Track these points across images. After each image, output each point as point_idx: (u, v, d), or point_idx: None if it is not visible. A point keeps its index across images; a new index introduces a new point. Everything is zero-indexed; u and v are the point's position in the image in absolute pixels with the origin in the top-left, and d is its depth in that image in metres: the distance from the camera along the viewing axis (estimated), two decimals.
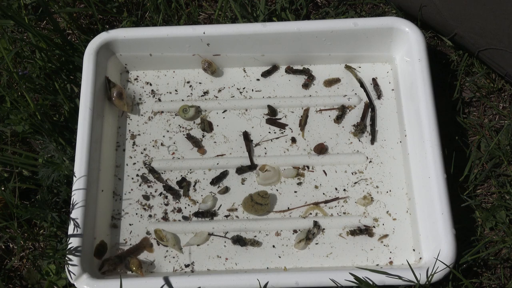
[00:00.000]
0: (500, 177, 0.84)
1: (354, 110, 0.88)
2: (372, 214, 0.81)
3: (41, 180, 0.82)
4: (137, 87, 0.91)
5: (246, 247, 0.79)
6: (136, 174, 0.85)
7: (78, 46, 0.93)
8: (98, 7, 0.96)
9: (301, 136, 0.86)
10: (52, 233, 0.81)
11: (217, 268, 0.78)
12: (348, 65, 0.90)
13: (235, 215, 0.82)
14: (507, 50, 0.81)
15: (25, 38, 0.96)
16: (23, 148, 0.89)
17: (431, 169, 0.76)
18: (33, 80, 0.90)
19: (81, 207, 0.76)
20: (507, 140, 0.84)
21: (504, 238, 0.78)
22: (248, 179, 0.84)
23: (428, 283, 0.70)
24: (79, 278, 0.72)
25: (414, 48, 0.83)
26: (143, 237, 0.80)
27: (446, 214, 0.74)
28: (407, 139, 0.83)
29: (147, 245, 0.79)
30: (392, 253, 0.78)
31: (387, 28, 0.85)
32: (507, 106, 0.89)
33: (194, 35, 0.86)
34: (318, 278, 0.72)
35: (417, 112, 0.80)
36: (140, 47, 0.88)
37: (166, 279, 0.72)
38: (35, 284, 0.80)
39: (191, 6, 0.98)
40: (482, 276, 0.78)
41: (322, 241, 0.80)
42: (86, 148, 0.79)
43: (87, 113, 0.81)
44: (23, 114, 0.86)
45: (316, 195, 0.82)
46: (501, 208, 0.80)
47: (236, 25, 0.87)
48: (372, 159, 0.84)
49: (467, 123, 0.87)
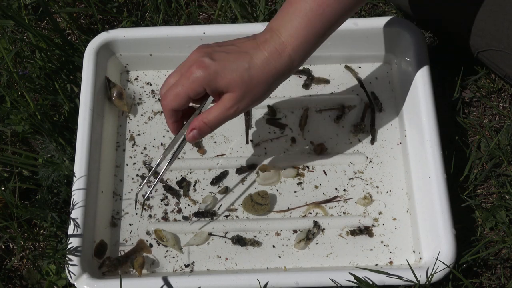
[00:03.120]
0: (500, 177, 0.84)
1: (354, 110, 0.88)
2: (372, 214, 0.81)
3: (41, 180, 0.82)
4: (137, 87, 0.91)
5: (246, 247, 0.79)
6: (136, 174, 0.85)
7: (78, 46, 0.93)
8: (98, 7, 0.96)
9: (301, 136, 0.86)
10: (52, 233, 0.81)
11: (217, 268, 0.78)
12: (348, 65, 0.90)
13: (235, 215, 0.82)
14: (506, 51, 0.81)
15: (25, 38, 0.96)
16: (23, 148, 0.89)
17: (431, 169, 0.76)
18: (33, 80, 0.90)
19: (81, 207, 0.76)
20: (507, 140, 0.84)
21: (504, 238, 0.78)
22: (248, 179, 0.84)
23: (428, 283, 0.70)
24: (79, 278, 0.72)
25: (414, 48, 0.83)
26: (139, 240, 0.80)
27: (446, 214, 0.74)
28: (407, 139, 0.83)
29: (144, 247, 0.79)
30: (392, 253, 0.78)
31: (387, 28, 0.85)
32: (507, 106, 0.89)
33: (194, 35, 0.86)
34: (318, 278, 0.72)
35: (417, 112, 0.80)
36: (140, 47, 0.88)
37: (166, 279, 0.72)
38: (35, 284, 0.80)
39: (191, 6, 0.98)
40: (482, 276, 0.78)
41: (322, 241, 0.80)
42: (86, 148, 0.79)
43: (87, 113, 0.81)
44: (23, 114, 0.86)
45: (316, 195, 0.82)
46: (501, 208, 0.80)
47: (236, 25, 0.87)
48: (372, 159, 0.84)
49: (467, 123, 0.87)
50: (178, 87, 0.65)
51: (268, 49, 0.65)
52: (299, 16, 0.64)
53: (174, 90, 0.66)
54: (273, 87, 0.67)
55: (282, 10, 0.66)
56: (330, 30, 0.66)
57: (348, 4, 0.65)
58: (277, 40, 0.65)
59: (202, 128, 0.67)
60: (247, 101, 0.66)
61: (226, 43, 0.68)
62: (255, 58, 0.65)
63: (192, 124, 0.68)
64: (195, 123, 0.67)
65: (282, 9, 0.66)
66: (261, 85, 0.65)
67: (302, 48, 0.65)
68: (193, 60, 0.66)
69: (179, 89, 0.65)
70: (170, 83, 0.67)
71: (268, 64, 0.65)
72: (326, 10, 0.64)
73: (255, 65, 0.64)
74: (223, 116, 0.66)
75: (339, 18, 0.66)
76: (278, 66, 0.65)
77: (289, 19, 0.65)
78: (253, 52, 0.65)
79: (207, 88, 0.65)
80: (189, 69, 0.65)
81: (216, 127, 0.68)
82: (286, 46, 0.65)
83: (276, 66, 0.65)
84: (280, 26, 0.65)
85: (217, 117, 0.66)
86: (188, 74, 0.65)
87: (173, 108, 0.67)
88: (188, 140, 0.69)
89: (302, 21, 0.64)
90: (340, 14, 0.65)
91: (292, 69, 0.67)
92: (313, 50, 0.67)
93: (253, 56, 0.65)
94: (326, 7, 0.64)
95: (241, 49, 0.66)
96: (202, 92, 0.65)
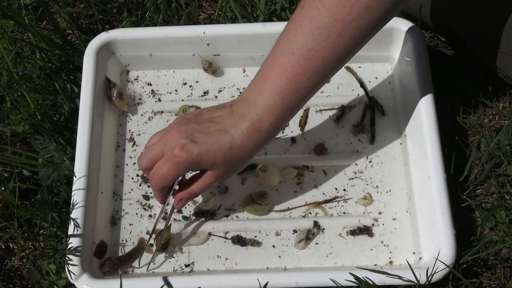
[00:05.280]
0: (500, 177, 0.84)
1: (354, 110, 0.88)
2: (372, 214, 0.81)
3: (41, 180, 0.83)
4: (137, 87, 0.91)
5: (246, 247, 0.79)
6: (136, 174, 0.85)
7: (78, 46, 0.93)
8: (98, 7, 0.96)
9: (301, 136, 0.86)
10: (52, 233, 0.81)
11: (217, 268, 0.78)
12: (348, 66, 0.90)
13: (235, 215, 0.82)
14: (506, 52, 0.81)
15: (25, 38, 0.96)
16: (23, 148, 0.89)
17: (431, 169, 0.76)
18: (33, 80, 0.90)
19: (81, 207, 0.76)
20: (507, 140, 0.84)
21: (504, 238, 0.78)
22: (248, 179, 0.84)
23: (428, 283, 0.70)
24: (79, 278, 0.72)
25: (414, 48, 0.83)
26: (140, 238, 0.80)
27: (446, 214, 0.74)
28: (407, 139, 0.83)
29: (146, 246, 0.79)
30: (392, 253, 0.78)
31: (387, 28, 0.85)
32: (507, 106, 0.89)
33: (194, 35, 0.86)
34: (318, 278, 0.72)
35: (417, 112, 0.80)
36: (140, 47, 0.88)
37: (166, 279, 0.72)
38: (35, 284, 0.80)
39: (191, 6, 0.98)
40: (482, 276, 0.78)
41: (322, 241, 0.80)
42: (86, 148, 0.79)
43: (87, 113, 0.81)
44: (23, 114, 0.86)
45: (316, 195, 0.82)
46: (501, 208, 0.80)
47: (236, 25, 0.87)
48: (372, 159, 0.84)
49: (467, 123, 0.87)
50: (163, 169, 0.70)
51: (246, 126, 0.68)
52: (275, 93, 0.67)
53: (160, 172, 0.70)
54: (252, 158, 0.72)
55: (258, 83, 0.68)
56: (305, 100, 0.69)
57: (321, 78, 0.67)
58: (254, 116, 0.68)
59: (188, 198, 0.74)
60: (228, 175, 0.72)
61: (204, 117, 0.71)
62: (235, 137, 0.68)
63: (179, 196, 0.74)
64: (182, 194, 0.74)
65: (258, 82, 0.68)
66: (241, 161, 0.71)
67: (279, 122, 0.69)
68: (175, 142, 0.69)
69: (165, 171, 0.70)
70: (151, 156, 0.71)
71: (248, 142, 0.68)
72: (301, 86, 0.66)
73: (236, 145, 0.68)
74: (206, 187, 0.73)
75: (313, 91, 0.68)
76: (257, 142, 0.69)
77: (266, 96, 0.67)
78: (233, 131, 0.68)
79: (191, 169, 0.70)
80: (172, 151, 0.68)
81: (200, 194, 0.75)
82: (264, 122, 0.68)
83: (255, 143, 0.69)
84: (257, 101, 0.68)
85: (201, 189, 0.73)
86: (172, 157, 0.69)
87: (162, 187, 0.73)
88: (177, 208, 0.76)
89: (278, 98, 0.67)
90: (314, 87, 0.68)
91: (270, 140, 0.71)
92: (289, 119, 0.71)
93: (233, 136, 0.68)
94: (300, 84, 0.66)
95: (220, 127, 0.69)
96: (186, 172, 0.71)
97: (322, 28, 0.63)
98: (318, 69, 0.66)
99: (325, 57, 0.65)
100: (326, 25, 0.63)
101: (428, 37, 0.95)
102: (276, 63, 0.66)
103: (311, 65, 0.65)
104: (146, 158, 0.72)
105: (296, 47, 0.65)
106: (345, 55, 0.66)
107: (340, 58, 0.66)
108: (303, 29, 0.64)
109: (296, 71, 0.65)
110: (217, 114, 0.70)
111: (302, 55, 0.65)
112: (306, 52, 0.65)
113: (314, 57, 0.65)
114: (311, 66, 0.65)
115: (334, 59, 0.66)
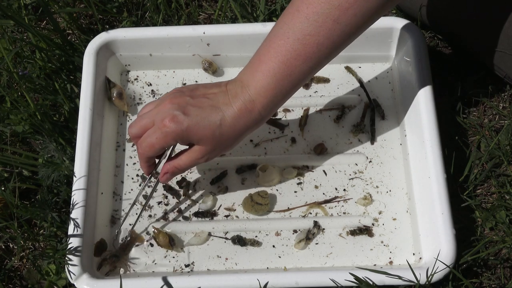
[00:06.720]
0: (500, 177, 0.84)
1: (354, 110, 0.88)
2: (372, 214, 0.81)
3: (41, 180, 0.83)
4: (137, 87, 0.91)
5: (246, 247, 0.79)
6: (136, 174, 0.85)
7: (78, 46, 0.93)
8: (98, 7, 0.96)
9: (301, 136, 0.86)
10: (52, 233, 0.81)
11: (217, 268, 0.78)
12: (348, 66, 0.90)
13: (235, 215, 0.82)
14: (506, 52, 0.81)
15: (25, 38, 0.96)
16: (23, 148, 0.89)
17: (431, 169, 0.76)
18: (33, 80, 0.90)
19: (81, 207, 0.76)
20: (507, 140, 0.84)
21: (504, 238, 0.78)
22: (248, 179, 0.84)
23: (428, 283, 0.70)
24: (79, 278, 0.72)
25: (414, 48, 0.83)
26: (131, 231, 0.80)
27: (446, 214, 0.74)
28: (407, 139, 0.83)
29: (137, 237, 0.79)
30: (392, 253, 0.78)
31: (387, 28, 0.85)
32: (507, 106, 0.89)
33: (194, 35, 0.86)
34: (318, 278, 0.72)
35: (417, 112, 0.80)
36: (140, 47, 0.88)
37: (166, 279, 0.72)
38: (35, 284, 0.80)
39: (191, 6, 0.98)
40: (482, 276, 0.78)
41: (322, 241, 0.80)
42: (86, 148, 0.79)
43: (87, 113, 0.81)
44: (23, 114, 0.86)
45: (316, 195, 0.82)
46: (501, 208, 0.80)
47: (236, 25, 0.87)
48: (372, 159, 0.84)
49: (467, 123, 0.87)
50: (152, 138, 0.70)
51: (238, 105, 0.68)
52: (268, 76, 0.67)
53: (148, 140, 0.70)
54: (241, 139, 0.72)
55: (252, 65, 0.69)
56: (298, 86, 0.69)
57: (315, 64, 0.67)
58: (247, 96, 0.68)
59: (174, 172, 0.74)
60: (216, 153, 0.72)
61: (199, 92, 0.71)
62: (226, 115, 0.68)
63: (165, 168, 0.74)
64: (168, 167, 0.74)
65: (253, 64, 0.69)
66: (230, 140, 0.70)
67: (270, 105, 0.69)
68: (166, 112, 0.69)
69: (153, 140, 0.70)
70: (142, 124, 0.71)
71: (238, 121, 0.69)
72: (294, 71, 0.67)
73: (226, 123, 0.68)
74: (193, 163, 0.72)
75: (307, 76, 0.68)
76: (247, 123, 0.69)
77: (259, 78, 0.67)
78: (225, 108, 0.68)
79: (179, 141, 0.70)
80: (162, 121, 0.69)
81: (186, 170, 0.75)
82: (255, 104, 0.68)
83: (246, 123, 0.69)
84: (250, 83, 0.68)
85: (187, 164, 0.72)
86: (161, 127, 0.69)
87: (148, 156, 0.73)
88: (162, 181, 0.75)
89: (271, 81, 0.67)
90: (308, 73, 0.68)
91: (261, 123, 0.71)
92: (282, 103, 0.70)
93: (225, 114, 0.68)
94: (294, 68, 0.66)
95: (213, 104, 0.69)
96: (174, 143, 0.71)
97: (319, 13, 0.64)
98: (313, 54, 0.66)
99: (320, 43, 0.65)
100: (322, 11, 0.63)
101: (428, 37, 0.95)
102: (271, 46, 0.67)
103: (305, 50, 0.65)
104: (136, 126, 0.72)
105: (292, 32, 0.65)
106: (340, 43, 0.66)
107: (336, 45, 0.66)
108: (300, 14, 0.65)
109: (290, 55, 0.66)
110: (211, 91, 0.70)
111: (297, 40, 0.65)
112: (301, 37, 0.65)
113: (309, 42, 0.65)
114: (305, 51, 0.65)
115: (329, 46, 0.66)
